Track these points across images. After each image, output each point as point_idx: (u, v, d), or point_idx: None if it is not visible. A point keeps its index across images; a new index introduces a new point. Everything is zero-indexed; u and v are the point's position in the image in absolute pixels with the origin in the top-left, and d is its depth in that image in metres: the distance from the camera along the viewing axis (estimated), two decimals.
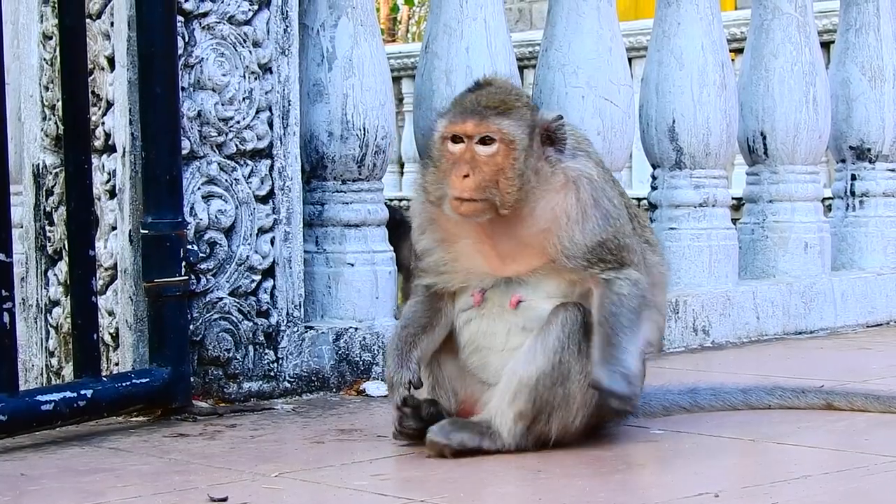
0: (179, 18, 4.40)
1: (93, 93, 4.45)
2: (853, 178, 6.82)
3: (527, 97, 3.61)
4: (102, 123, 4.49)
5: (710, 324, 5.87)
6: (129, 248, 4.39)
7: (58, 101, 4.41)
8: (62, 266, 4.59)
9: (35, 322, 4.76)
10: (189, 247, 4.41)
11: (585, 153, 3.61)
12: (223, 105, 4.53)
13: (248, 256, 4.58)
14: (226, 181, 4.55)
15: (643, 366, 3.66)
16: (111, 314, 4.47)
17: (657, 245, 3.85)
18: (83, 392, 4.08)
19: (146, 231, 4.33)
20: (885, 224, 6.76)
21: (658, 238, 3.98)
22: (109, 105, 4.47)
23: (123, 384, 4.21)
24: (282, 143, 4.66)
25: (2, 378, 3.92)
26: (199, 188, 4.50)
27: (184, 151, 4.43)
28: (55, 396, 4.03)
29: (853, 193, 6.82)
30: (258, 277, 4.61)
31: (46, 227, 4.68)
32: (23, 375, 4.49)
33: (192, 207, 4.48)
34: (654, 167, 6.14)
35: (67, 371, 4.53)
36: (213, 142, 4.53)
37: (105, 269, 4.47)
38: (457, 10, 5.33)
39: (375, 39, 5.05)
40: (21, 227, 4.78)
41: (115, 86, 4.43)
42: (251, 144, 4.59)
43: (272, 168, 4.64)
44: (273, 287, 4.64)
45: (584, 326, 3.54)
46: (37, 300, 4.74)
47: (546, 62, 5.72)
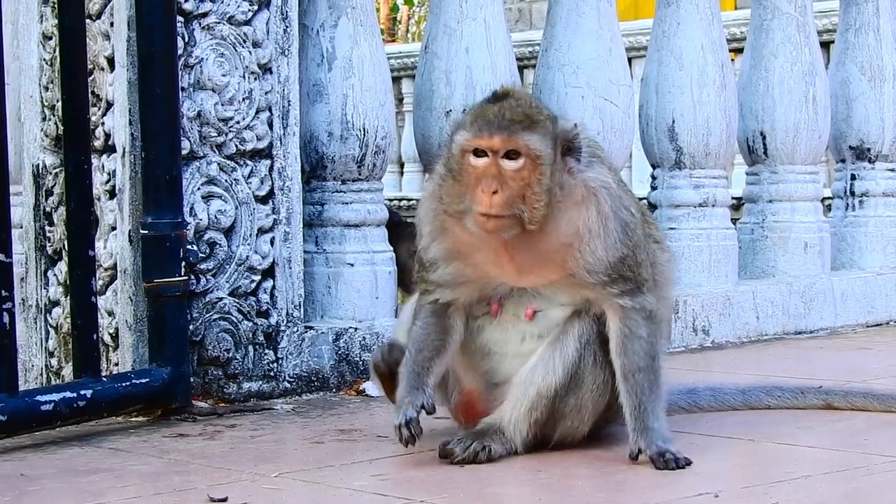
0: (179, 19, 4.40)
1: (92, 93, 4.45)
2: (853, 178, 6.82)
3: (547, 109, 3.54)
4: (102, 124, 4.49)
5: (710, 324, 5.87)
6: (129, 249, 4.39)
7: (57, 102, 4.41)
8: (62, 266, 4.59)
9: (35, 322, 4.76)
10: (189, 247, 4.41)
11: (599, 160, 3.58)
12: (223, 105, 4.53)
13: (248, 256, 4.58)
14: (225, 181, 4.55)
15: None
16: (111, 314, 4.47)
17: (663, 241, 3.86)
18: (83, 392, 4.08)
19: (146, 231, 4.33)
20: (885, 224, 6.76)
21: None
22: (109, 105, 4.47)
23: (123, 384, 4.22)
24: (281, 144, 4.66)
25: (1, 378, 3.92)
26: (199, 188, 4.50)
27: (183, 152, 4.43)
28: (55, 396, 4.03)
29: (853, 193, 6.82)
30: (258, 277, 4.61)
31: (46, 228, 4.68)
32: (22, 376, 4.49)
33: (192, 208, 4.48)
34: (654, 167, 6.14)
35: (67, 371, 4.53)
36: (213, 142, 4.53)
37: (105, 270, 4.47)
38: (456, 11, 5.33)
39: (375, 39, 5.05)
40: (21, 228, 4.78)
41: (115, 86, 4.43)
42: (251, 145, 4.59)
43: (272, 168, 4.64)
44: (273, 287, 4.64)
45: (600, 336, 3.58)
46: (36, 300, 4.74)
47: (546, 62, 5.72)
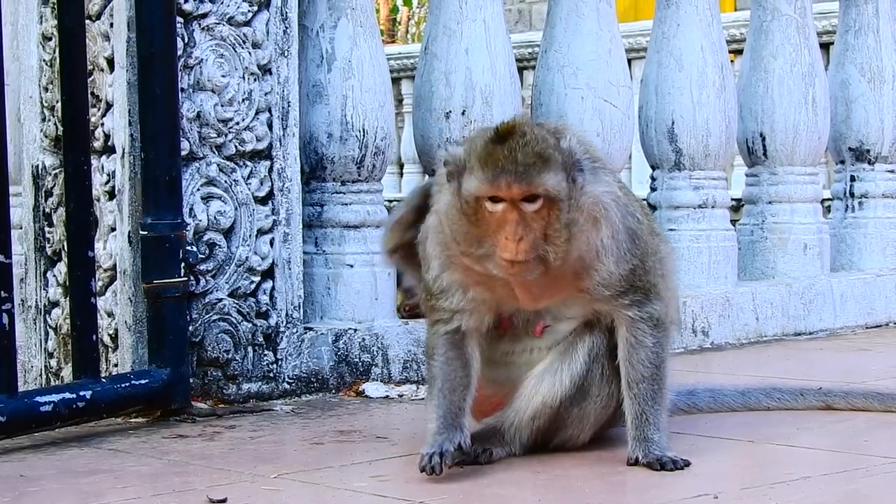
0: (179, 19, 4.40)
1: (92, 94, 4.45)
2: (852, 180, 6.82)
3: (550, 132, 3.44)
4: (102, 124, 4.49)
5: (710, 325, 5.87)
6: (129, 249, 4.39)
7: (57, 103, 4.41)
8: (61, 267, 4.59)
9: (34, 323, 4.76)
10: (188, 248, 4.41)
11: (598, 163, 3.55)
12: (222, 106, 4.53)
13: (248, 257, 4.58)
14: (225, 182, 4.55)
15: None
16: (110, 315, 4.47)
17: (661, 234, 3.86)
18: (82, 393, 4.08)
19: (145, 232, 4.33)
20: (884, 225, 6.77)
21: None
22: (109, 106, 4.47)
23: (122, 385, 4.22)
24: (281, 145, 4.66)
25: (1, 379, 3.92)
26: (199, 189, 4.50)
27: (183, 152, 4.43)
28: (54, 397, 4.03)
29: (852, 195, 6.82)
30: (257, 278, 4.61)
31: (46, 228, 4.69)
32: (22, 376, 4.50)
33: (192, 208, 4.48)
34: (654, 168, 6.14)
35: (66, 372, 4.53)
36: (213, 143, 4.53)
37: (104, 271, 4.47)
38: (456, 12, 5.33)
39: (375, 40, 5.05)
40: (20, 228, 4.78)
41: (115, 87, 4.43)
42: (250, 145, 4.60)
43: (271, 169, 4.64)
44: (272, 288, 4.64)
45: (610, 350, 3.60)
46: (36, 301, 4.74)
47: (545, 63, 5.73)
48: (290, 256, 4.69)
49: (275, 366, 4.64)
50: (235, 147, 4.57)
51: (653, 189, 6.12)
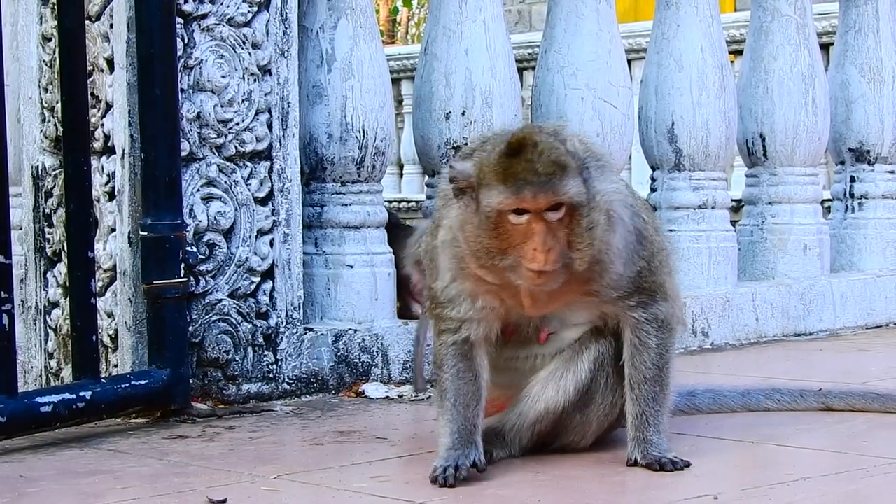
0: (179, 20, 4.40)
1: (92, 94, 4.45)
2: (852, 180, 6.82)
3: (562, 140, 3.43)
4: (102, 125, 4.49)
5: (710, 325, 5.87)
6: (129, 250, 4.39)
7: (57, 103, 4.41)
8: (61, 268, 4.59)
9: (34, 324, 4.76)
10: (188, 248, 4.41)
11: (603, 158, 3.55)
12: (222, 107, 4.53)
13: (248, 258, 4.58)
14: (225, 183, 4.55)
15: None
16: (110, 316, 4.47)
17: (663, 233, 3.85)
18: (82, 394, 4.08)
19: (145, 233, 4.33)
20: (884, 226, 6.77)
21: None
22: (109, 107, 4.47)
23: (122, 386, 4.22)
24: (281, 145, 4.66)
25: (1, 380, 3.92)
26: (199, 190, 4.50)
27: (183, 153, 4.43)
28: (54, 398, 4.03)
29: (852, 195, 6.82)
30: (257, 279, 4.61)
31: (46, 229, 4.69)
32: (22, 377, 4.50)
33: (192, 209, 4.48)
34: (654, 169, 6.14)
35: (66, 373, 4.53)
36: (213, 143, 4.53)
37: (104, 271, 4.47)
38: (456, 12, 5.33)
39: (375, 41, 5.05)
40: (20, 229, 4.78)
41: (115, 87, 4.43)
42: (250, 146, 4.60)
43: (271, 170, 4.64)
44: (272, 289, 4.64)
45: (615, 358, 3.60)
46: (36, 302, 4.74)
47: (545, 64, 5.72)
48: (290, 257, 4.69)
49: (275, 366, 4.64)
50: (235, 148, 4.57)
51: (653, 190, 6.12)
